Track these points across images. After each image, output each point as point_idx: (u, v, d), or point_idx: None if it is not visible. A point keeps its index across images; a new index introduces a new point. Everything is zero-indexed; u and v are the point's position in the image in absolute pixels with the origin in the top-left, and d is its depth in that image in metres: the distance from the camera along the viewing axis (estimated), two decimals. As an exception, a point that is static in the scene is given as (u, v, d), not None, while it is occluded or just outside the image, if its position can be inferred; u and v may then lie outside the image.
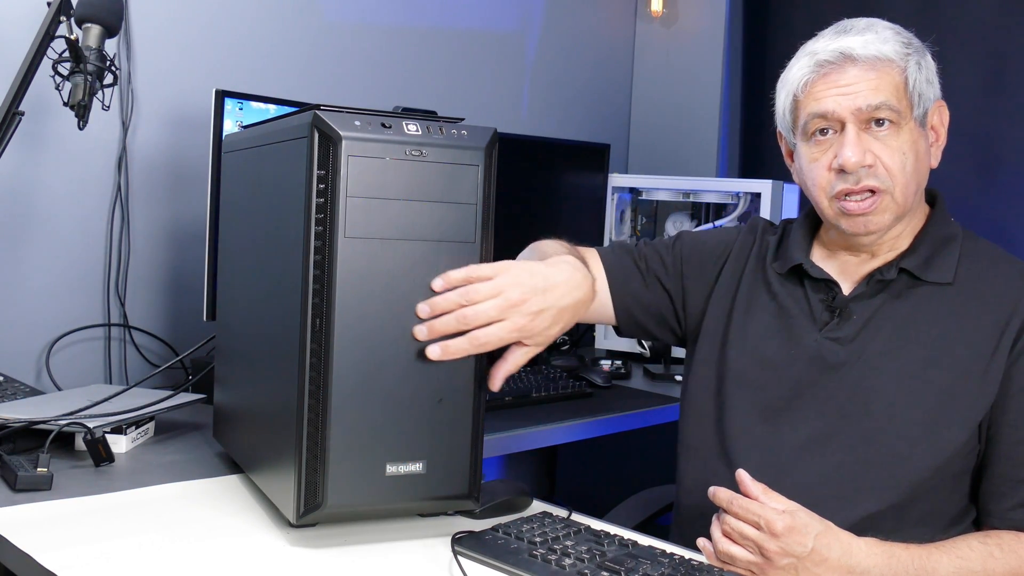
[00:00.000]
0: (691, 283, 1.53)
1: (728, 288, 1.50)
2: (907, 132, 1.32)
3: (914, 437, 1.31)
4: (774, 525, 1.15)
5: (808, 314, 1.41)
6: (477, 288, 1.16)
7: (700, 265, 1.53)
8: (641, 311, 1.54)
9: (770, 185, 2.52)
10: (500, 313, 1.16)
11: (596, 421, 2.01)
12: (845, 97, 1.31)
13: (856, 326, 1.37)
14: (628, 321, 1.55)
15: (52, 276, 1.95)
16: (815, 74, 1.34)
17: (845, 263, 1.42)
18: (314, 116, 1.11)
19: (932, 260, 1.37)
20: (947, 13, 2.52)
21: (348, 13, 2.41)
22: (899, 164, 1.31)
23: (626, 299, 1.53)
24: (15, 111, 1.54)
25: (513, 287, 1.17)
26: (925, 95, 1.34)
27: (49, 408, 1.53)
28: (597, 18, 3.13)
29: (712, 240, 1.56)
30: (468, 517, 1.28)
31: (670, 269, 1.54)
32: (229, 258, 1.49)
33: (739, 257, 1.51)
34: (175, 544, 1.16)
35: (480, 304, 1.15)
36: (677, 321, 1.55)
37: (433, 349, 1.14)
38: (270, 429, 1.25)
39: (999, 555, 1.26)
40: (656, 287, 1.54)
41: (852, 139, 1.31)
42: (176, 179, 2.10)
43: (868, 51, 1.31)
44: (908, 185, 1.33)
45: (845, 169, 1.31)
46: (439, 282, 1.15)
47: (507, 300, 1.16)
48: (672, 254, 1.55)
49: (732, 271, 1.51)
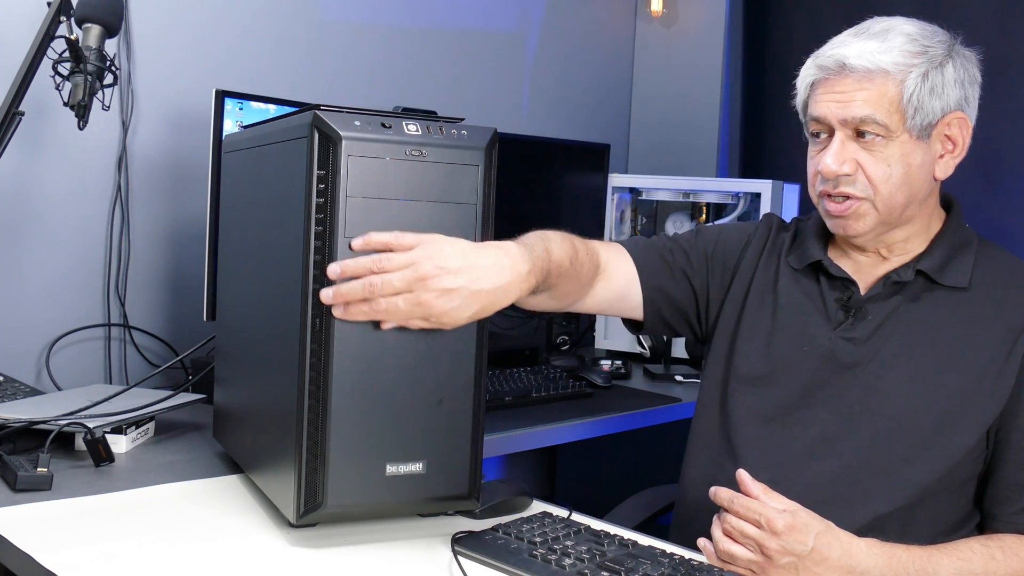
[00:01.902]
0: (714, 278, 1.53)
1: (743, 282, 1.50)
2: (898, 144, 1.32)
3: (924, 440, 1.31)
4: (775, 524, 1.15)
5: (823, 312, 1.41)
6: (390, 258, 1.12)
7: (723, 259, 1.53)
8: (668, 307, 1.52)
9: (770, 185, 2.52)
10: (407, 286, 1.11)
11: (596, 421, 2.01)
12: (836, 105, 1.32)
13: (871, 327, 1.37)
14: (654, 317, 1.52)
15: (52, 276, 1.95)
16: (816, 77, 1.36)
17: (859, 263, 1.42)
18: (314, 116, 1.11)
19: (948, 264, 1.38)
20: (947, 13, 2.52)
21: (348, 13, 2.41)
22: (882, 175, 1.32)
23: (655, 294, 1.51)
24: (15, 111, 1.54)
25: (426, 260, 1.12)
26: (928, 107, 1.31)
27: (49, 408, 1.53)
28: (597, 18, 3.13)
29: (732, 234, 1.56)
30: (468, 517, 1.28)
31: (696, 265, 1.53)
32: (229, 258, 1.49)
33: (755, 251, 1.52)
34: (175, 544, 1.16)
35: (388, 275, 1.11)
36: (698, 319, 1.54)
37: (337, 309, 1.12)
38: (270, 429, 1.25)
39: (1001, 557, 1.26)
40: (684, 283, 1.52)
41: (835, 148, 1.33)
42: (176, 179, 2.10)
43: (861, 62, 1.31)
44: (893, 196, 1.33)
45: (823, 175, 1.34)
46: (359, 241, 1.12)
47: (415, 272, 1.11)
48: (696, 249, 1.54)
49: (748, 264, 1.51)
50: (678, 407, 2.17)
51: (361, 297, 1.11)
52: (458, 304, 1.13)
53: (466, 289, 1.13)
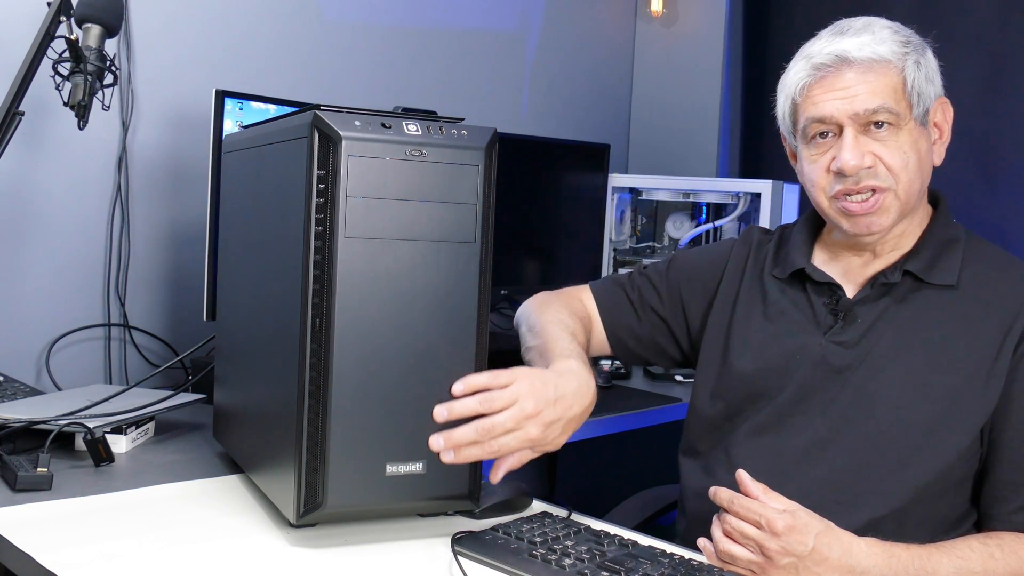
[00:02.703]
0: (690, 305, 1.54)
1: (726, 301, 1.50)
2: (907, 132, 1.32)
3: (917, 442, 1.31)
4: (775, 524, 1.15)
5: (812, 318, 1.41)
6: (495, 396, 1.18)
7: (700, 285, 1.54)
8: (635, 342, 1.57)
9: (770, 185, 2.52)
10: (516, 424, 1.18)
11: (596, 421, 2.01)
12: (842, 101, 1.31)
13: (861, 329, 1.36)
14: (624, 352, 1.59)
15: (52, 276, 1.95)
16: (812, 78, 1.33)
17: (848, 265, 1.42)
18: (314, 116, 1.11)
19: (936, 262, 1.37)
20: (947, 13, 2.52)
21: (348, 13, 2.41)
22: (901, 163, 1.31)
23: (619, 332, 1.57)
24: (15, 111, 1.54)
25: (528, 398, 1.19)
26: (925, 94, 1.33)
27: (49, 408, 1.53)
28: (597, 18, 3.13)
29: (707, 257, 1.57)
30: (468, 517, 1.28)
31: (665, 298, 1.56)
32: (229, 258, 1.49)
33: (735, 269, 1.52)
34: (175, 544, 1.16)
35: (497, 416, 1.17)
36: (677, 346, 1.57)
37: (446, 454, 1.16)
38: (270, 429, 1.25)
39: (999, 555, 1.26)
40: (651, 317, 1.56)
41: (850, 143, 1.31)
42: (176, 179, 2.10)
43: (864, 53, 1.30)
44: (912, 183, 1.33)
45: (844, 172, 1.31)
46: (459, 386, 1.17)
47: (522, 411, 1.18)
48: (667, 281, 1.57)
49: (729, 284, 1.51)
50: (678, 407, 2.17)
51: (473, 440, 1.16)
52: (559, 432, 1.23)
53: (565, 418, 1.23)
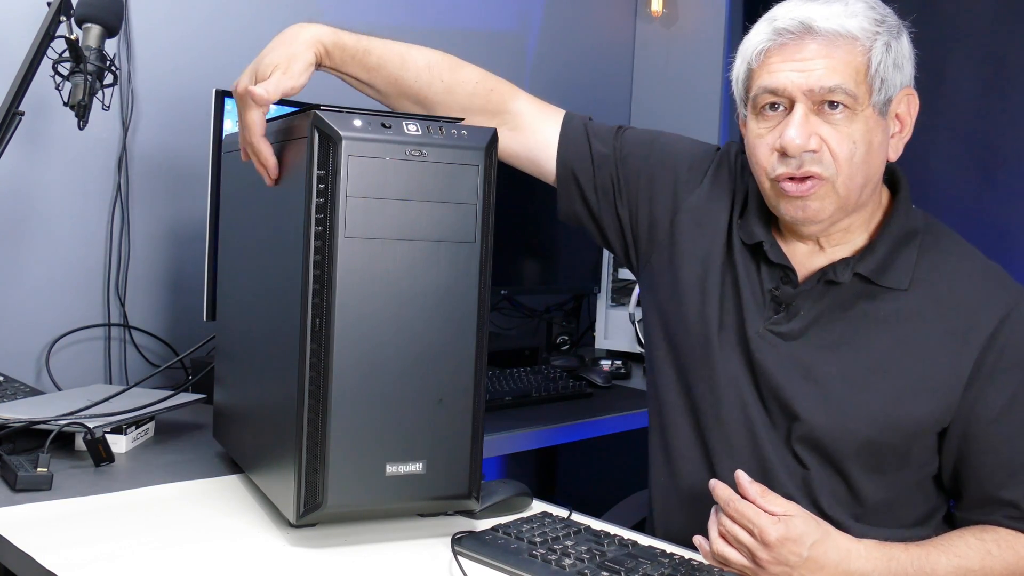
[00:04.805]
0: (657, 202, 1.42)
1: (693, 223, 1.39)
2: (862, 120, 1.22)
3: (855, 449, 1.28)
4: (767, 534, 1.14)
5: (760, 299, 1.33)
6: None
7: (671, 185, 1.42)
8: (580, 200, 1.46)
9: (770, 185, 2.52)
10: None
11: (596, 421, 2.01)
12: (798, 74, 1.21)
13: (802, 323, 1.30)
14: (567, 198, 1.46)
15: (52, 276, 1.95)
16: (771, 43, 1.24)
17: (795, 250, 1.33)
18: (314, 116, 1.11)
19: (889, 263, 1.29)
20: (947, 13, 2.52)
21: (348, 13, 2.41)
22: (847, 153, 1.22)
23: (567, 173, 1.45)
24: (15, 111, 1.54)
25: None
26: (890, 81, 1.23)
27: (49, 408, 1.53)
28: (597, 18, 3.13)
29: (687, 159, 1.45)
30: (468, 517, 1.28)
31: (630, 181, 1.44)
32: (229, 258, 1.49)
33: (713, 198, 1.40)
34: (175, 544, 1.16)
35: None
36: (621, 235, 1.46)
37: None
38: (270, 429, 1.25)
39: (996, 552, 1.26)
40: (607, 211, 1.45)
41: (799, 120, 1.21)
42: (176, 179, 2.10)
43: (830, 24, 1.21)
44: (853, 177, 1.23)
45: (787, 152, 1.22)
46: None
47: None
48: (644, 162, 1.45)
49: (699, 206, 1.40)
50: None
51: None
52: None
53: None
